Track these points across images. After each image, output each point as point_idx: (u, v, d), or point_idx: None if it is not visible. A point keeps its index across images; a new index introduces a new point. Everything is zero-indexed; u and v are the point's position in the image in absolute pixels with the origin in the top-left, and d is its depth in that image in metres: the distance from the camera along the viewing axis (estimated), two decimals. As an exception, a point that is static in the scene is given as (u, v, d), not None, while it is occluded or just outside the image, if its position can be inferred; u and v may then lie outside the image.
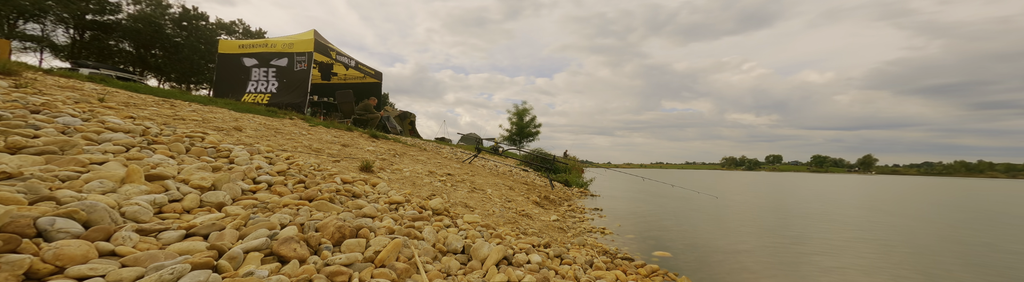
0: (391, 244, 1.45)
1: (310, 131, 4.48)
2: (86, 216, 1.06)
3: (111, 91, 3.46)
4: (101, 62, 13.34)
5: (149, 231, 1.15)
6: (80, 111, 2.21)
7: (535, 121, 21.84)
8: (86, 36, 17.76)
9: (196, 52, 19.97)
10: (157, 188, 1.46)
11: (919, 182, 30.63)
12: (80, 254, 0.90)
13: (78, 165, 1.45)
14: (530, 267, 1.85)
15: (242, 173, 1.97)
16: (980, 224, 5.49)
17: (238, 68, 7.41)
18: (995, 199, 11.06)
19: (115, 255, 0.99)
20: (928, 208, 7.70)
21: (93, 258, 0.93)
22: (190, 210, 1.45)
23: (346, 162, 3.29)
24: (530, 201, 4.82)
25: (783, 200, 8.72)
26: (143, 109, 2.99)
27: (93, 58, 17.76)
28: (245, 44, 7.52)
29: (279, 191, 1.90)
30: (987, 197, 11.95)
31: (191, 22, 20.31)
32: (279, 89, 7.21)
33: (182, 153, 2.03)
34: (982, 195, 13.03)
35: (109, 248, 0.99)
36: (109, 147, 1.72)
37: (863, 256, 3.27)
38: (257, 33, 23.95)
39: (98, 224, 1.07)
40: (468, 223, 2.40)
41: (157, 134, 2.21)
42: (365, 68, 9.36)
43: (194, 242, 1.14)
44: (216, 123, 3.30)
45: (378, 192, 2.52)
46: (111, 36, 17.92)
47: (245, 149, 2.44)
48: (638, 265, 2.62)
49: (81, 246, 0.92)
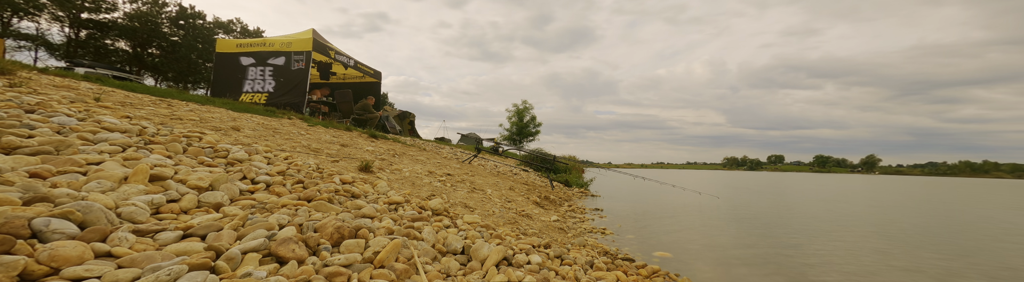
0: (390, 245, 1.44)
1: (309, 131, 4.48)
2: (82, 217, 1.06)
3: (107, 90, 3.46)
4: (97, 61, 13.26)
5: (146, 232, 1.15)
6: (76, 111, 2.20)
7: (535, 120, 21.83)
8: (82, 35, 17.69)
9: (193, 51, 19.92)
10: (155, 188, 1.46)
11: (924, 182, 30.64)
12: (75, 255, 0.90)
13: (74, 165, 1.44)
14: (530, 268, 1.85)
15: (240, 173, 1.96)
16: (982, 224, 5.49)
17: (236, 67, 7.40)
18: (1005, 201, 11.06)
19: (111, 256, 0.99)
20: (932, 207, 7.71)
21: (89, 259, 0.93)
22: (188, 211, 1.45)
23: (345, 162, 3.28)
24: (530, 201, 4.82)
25: (785, 200, 8.73)
26: (140, 109, 2.98)
27: (89, 57, 17.70)
28: (243, 43, 7.50)
29: (277, 191, 1.89)
30: (995, 198, 11.96)
31: (188, 21, 20.24)
32: (276, 88, 7.20)
33: (179, 153, 2.03)
34: (989, 196, 13.04)
35: (105, 249, 0.98)
36: (105, 147, 1.71)
37: (867, 256, 3.27)
38: (255, 32, 23.91)
39: (94, 225, 1.07)
40: (468, 223, 2.40)
41: (154, 134, 2.20)
42: (364, 68, 9.35)
43: (191, 243, 1.14)
44: (214, 123, 3.29)
45: (377, 192, 2.52)
46: (107, 35, 17.87)
47: (243, 149, 2.44)
48: (639, 266, 2.62)
49: (76, 247, 0.92)
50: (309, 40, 7.20)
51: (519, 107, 21.81)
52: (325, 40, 8.33)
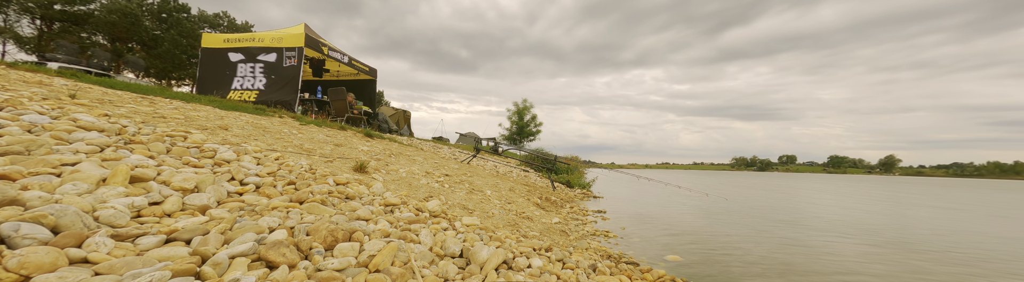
0: (386, 248, 1.43)
1: (301, 130, 4.44)
2: (55, 221, 1.03)
3: (83, 87, 3.40)
4: (72, 56, 12.89)
5: (126, 236, 1.12)
6: (49, 108, 2.16)
7: (536, 119, 21.80)
8: (55, 28, 17.19)
9: (177, 46, 19.61)
10: (136, 190, 1.43)
11: (949, 183, 29.95)
12: (48, 262, 0.87)
13: (48, 166, 1.40)
14: (531, 271, 1.84)
15: (228, 174, 1.93)
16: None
17: (223, 63, 7.32)
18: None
19: (88, 262, 0.96)
20: (942, 205, 7.74)
21: (62, 266, 0.90)
22: (171, 214, 1.42)
23: (339, 162, 3.25)
24: (531, 203, 4.80)
25: (797, 203, 8.75)
26: (120, 106, 2.94)
27: (63, 51, 17.33)
28: (231, 38, 7.41)
29: (268, 193, 1.87)
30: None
31: (171, 14, 19.95)
32: (267, 86, 7.13)
33: (163, 153, 1.99)
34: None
35: (81, 255, 0.96)
36: (82, 147, 1.67)
37: (883, 262, 3.26)
38: (243, 27, 23.69)
39: (69, 229, 1.04)
40: (466, 226, 2.38)
41: (135, 133, 2.16)
42: (359, 64, 9.28)
43: (175, 247, 1.11)
44: (200, 121, 3.25)
45: (373, 194, 2.50)
46: (83, 28, 17.45)
47: (231, 149, 2.40)
48: (644, 270, 2.60)
49: (49, 253, 0.89)
50: (301, 35, 7.13)
51: (519, 106, 21.79)
52: (318, 35, 8.24)
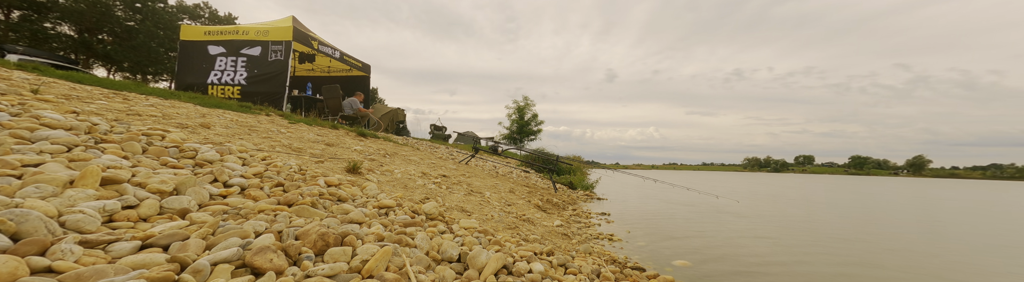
0: (380, 252, 1.40)
1: (290, 129, 4.39)
2: (15, 227, 0.99)
3: (48, 81, 3.33)
4: (33, 47, 12.20)
5: (96, 243, 1.08)
6: (8, 104, 2.10)
7: (537, 118, 21.72)
8: (14, 16, 16.33)
9: (154, 38, 19.09)
10: (109, 193, 1.39)
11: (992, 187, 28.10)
12: (7, 271, 0.83)
13: (7, 167, 1.35)
14: (532, 277, 1.82)
15: (211, 176, 1.89)
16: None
17: (203, 57, 7.21)
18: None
19: (52, 272, 0.92)
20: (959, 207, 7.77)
21: (23, 276, 0.86)
22: (147, 218, 1.38)
23: (331, 163, 3.21)
24: (532, 205, 4.78)
25: (814, 205, 8.77)
26: (89, 103, 2.88)
27: (24, 42, 16.61)
28: (212, 31, 7.29)
29: (254, 195, 1.84)
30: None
31: (146, 4, 19.44)
32: (247, 79, 7.02)
33: (138, 153, 1.95)
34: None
35: (44, 264, 0.92)
36: (46, 146, 1.63)
37: (904, 269, 3.23)
38: (226, 19, 23.43)
39: (31, 236, 1.00)
40: (465, 229, 2.36)
41: (107, 132, 2.11)
42: (351, 60, 9.18)
43: (152, 254, 1.08)
44: (179, 119, 3.20)
45: (366, 196, 2.46)
46: (46, 17, 16.86)
47: (214, 149, 2.36)
48: (650, 276, 2.58)
49: (8, 262, 0.85)
50: (289, 28, 7.03)
51: (520, 104, 21.69)
52: (307, 29, 8.14)
